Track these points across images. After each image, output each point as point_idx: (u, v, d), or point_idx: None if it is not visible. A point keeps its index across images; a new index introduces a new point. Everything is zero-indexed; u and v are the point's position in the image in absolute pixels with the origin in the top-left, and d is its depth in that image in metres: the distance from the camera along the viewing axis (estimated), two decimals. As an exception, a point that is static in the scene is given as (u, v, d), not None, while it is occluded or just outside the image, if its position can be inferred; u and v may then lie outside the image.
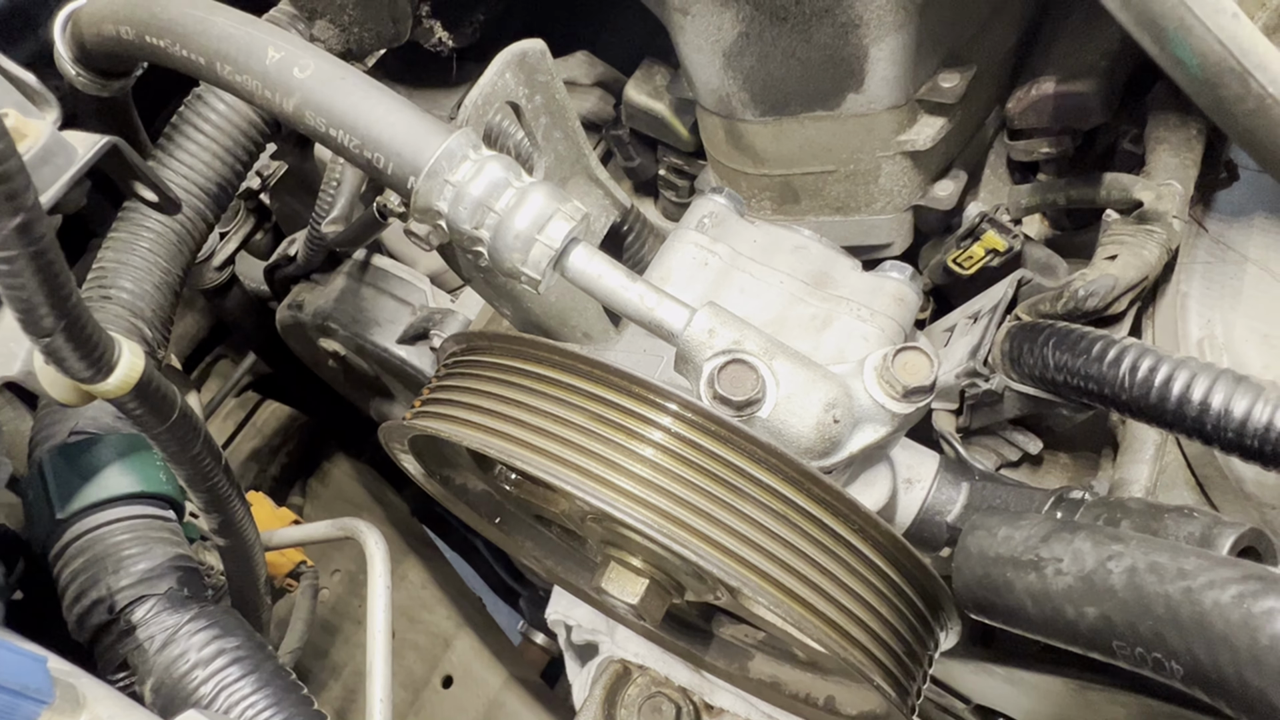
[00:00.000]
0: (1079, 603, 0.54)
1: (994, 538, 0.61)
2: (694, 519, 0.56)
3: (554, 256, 0.66)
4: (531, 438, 0.60)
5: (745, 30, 0.77)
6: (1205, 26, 0.50)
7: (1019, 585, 0.58)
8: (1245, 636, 0.45)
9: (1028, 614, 0.58)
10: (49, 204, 0.65)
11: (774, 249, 0.82)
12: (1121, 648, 0.52)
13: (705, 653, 0.98)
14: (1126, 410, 0.69)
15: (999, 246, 0.90)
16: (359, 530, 1.03)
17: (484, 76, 0.80)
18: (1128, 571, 0.52)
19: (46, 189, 0.65)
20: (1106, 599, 0.52)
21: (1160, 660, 0.50)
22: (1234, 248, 0.80)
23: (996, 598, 0.60)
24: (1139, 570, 0.51)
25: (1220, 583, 0.48)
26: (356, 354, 1.20)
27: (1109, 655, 0.54)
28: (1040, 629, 0.58)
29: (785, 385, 0.63)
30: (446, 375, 0.71)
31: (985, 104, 0.91)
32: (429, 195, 0.68)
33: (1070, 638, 0.55)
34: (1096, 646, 0.54)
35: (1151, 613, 0.50)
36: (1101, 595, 0.52)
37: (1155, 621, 0.49)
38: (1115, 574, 0.52)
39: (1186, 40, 0.50)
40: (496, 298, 0.95)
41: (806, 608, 0.56)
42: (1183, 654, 0.48)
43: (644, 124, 1.05)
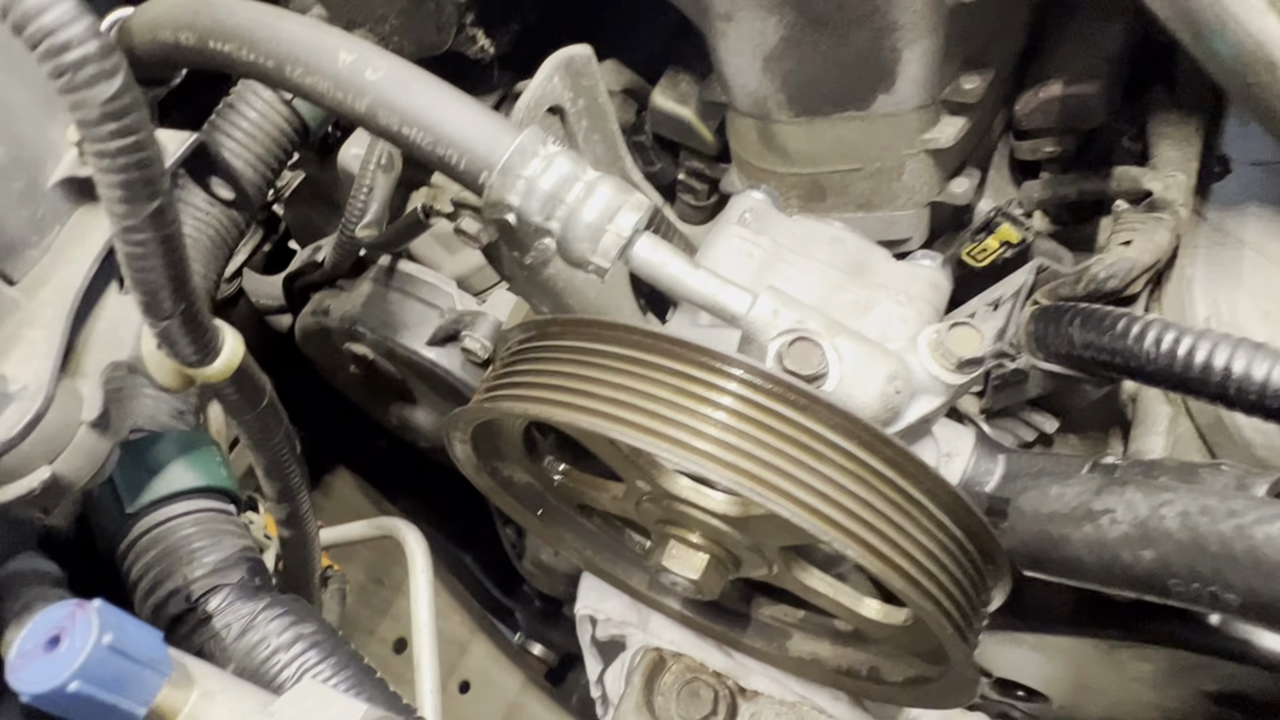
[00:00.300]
0: (1136, 547, 0.58)
1: (1047, 496, 0.66)
2: (775, 476, 0.60)
3: (623, 245, 0.70)
4: (613, 409, 0.63)
5: (787, 35, 0.82)
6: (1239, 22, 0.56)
7: (1075, 537, 0.62)
8: None
9: (1085, 564, 0.62)
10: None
11: (812, 241, 0.86)
12: (1177, 585, 0.56)
13: (743, 635, 1.02)
14: (1152, 380, 0.75)
15: (1013, 239, 0.96)
16: (398, 528, 1.05)
17: (534, 80, 0.84)
18: (1181, 515, 0.57)
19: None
20: (1163, 541, 0.57)
21: (1215, 594, 0.54)
22: (1231, 234, 0.87)
23: (1053, 551, 0.64)
24: (1191, 513, 0.56)
25: (1269, 518, 0.53)
26: (385, 358, 1.22)
27: (1164, 595, 0.58)
28: (1096, 576, 0.62)
29: (849, 360, 0.67)
30: (515, 360, 0.74)
31: (997, 104, 0.97)
32: (502, 190, 0.72)
33: (1127, 582, 0.60)
34: (1153, 588, 0.59)
35: (1207, 550, 0.54)
36: (1157, 538, 0.57)
37: (1211, 558, 0.54)
38: (1169, 518, 0.57)
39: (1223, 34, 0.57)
40: (536, 295, 0.98)
41: (883, 559, 0.60)
42: (1239, 585, 0.53)
43: (669, 129, 1.10)
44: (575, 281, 0.96)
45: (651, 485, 0.78)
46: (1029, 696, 1.08)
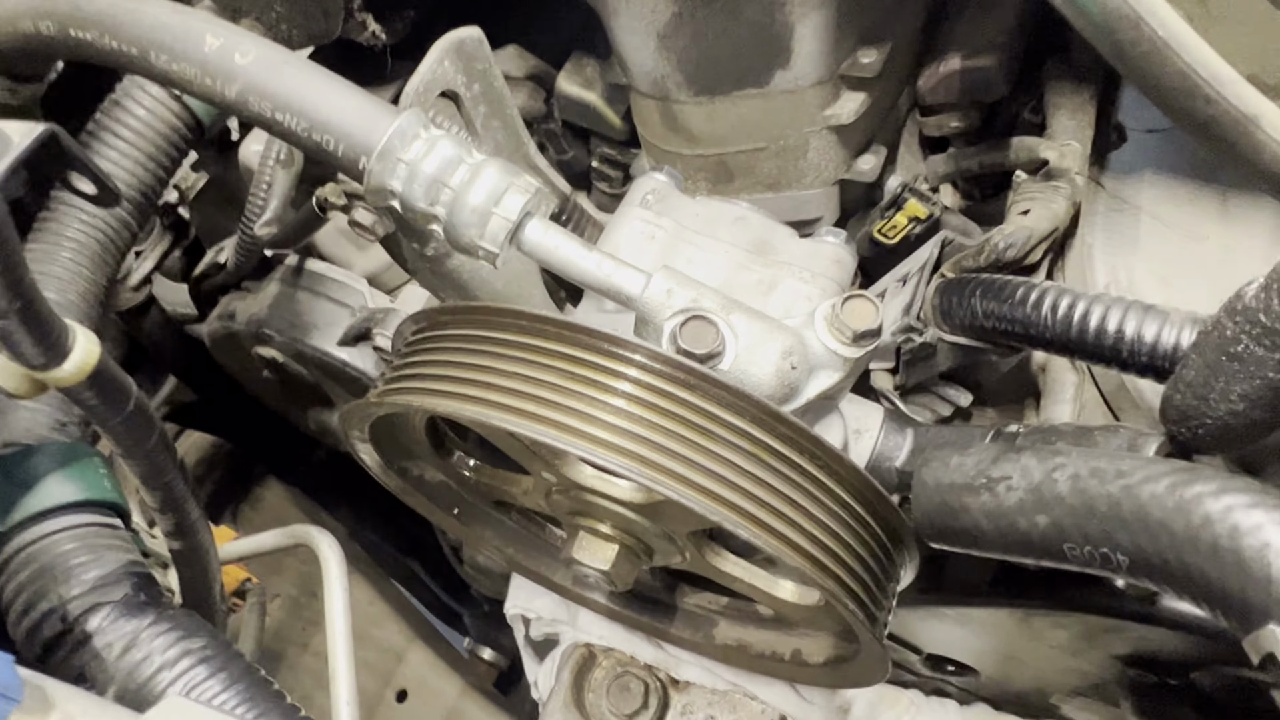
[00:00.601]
0: (1030, 513, 0.58)
1: (947, 466, 0.65)
2: (670, 461, 0.58)
3: (511, 229, 0.68)
4: (505, 399, 0.61)
5: (678, 11, 0.80)
6: (1103, -22, 0.56)
7: (974, 506, 0.62)
8: (1180, 520, 0.50)
9: (984, 532, 0.62)
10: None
11: (716, 221, 0.85)
12: (1072, 549, 0.56)
13: (670, 625, 1.00)
14: (1051, 347, 0.75)
15: (920, 214, 0.96)
16: (311, 535, 1.01)
17: (423, 64, 0.82)
18: (1072, 478, 0.56)
19: (-19, 177, 0.63)
20: (1055, 506, 0.56)
21: (1108, 554, 0.54)
22: (1129, 201, 0.88)
23: (954, 521, 0.64)
24: (1082, 476, 0.56)
25: (1154, 477, 0.53)
26: (295, 360, 1.18)
27: (1061, 559, 0.58)
28: (997, 545, 0.62)
29: (744, 337, 0.66)
30: (408, 353, 0.72)
31: (898, 82, 0.97)
32: (382, 175, 0.69)
33: (1025, 548, 0.60)
34: (1050, 553, 0.58)
35: (1097, 512, 0.54)
36: (1050, 503, 0.57)
37: (1100, 519, 0.54)
38: (1061, 482, 0.57)
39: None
40: (442, 287, 0.96)
41: (780, 538, 0.59)
42: (1128, 545, 0.53)
43: (576, 115, 1.08)
44: (481, 272, 0.94)
45: (557, 476, 0.76)
46: (960, 671, 1.09)
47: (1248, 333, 0.53)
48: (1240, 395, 0.55)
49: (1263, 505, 0.48)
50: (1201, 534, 0.49)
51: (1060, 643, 0.86)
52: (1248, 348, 0.53)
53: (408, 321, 0.75)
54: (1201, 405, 0.58)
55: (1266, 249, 0.83)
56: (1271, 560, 0.46)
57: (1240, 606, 0.47)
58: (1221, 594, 0.48)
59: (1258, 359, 0.53)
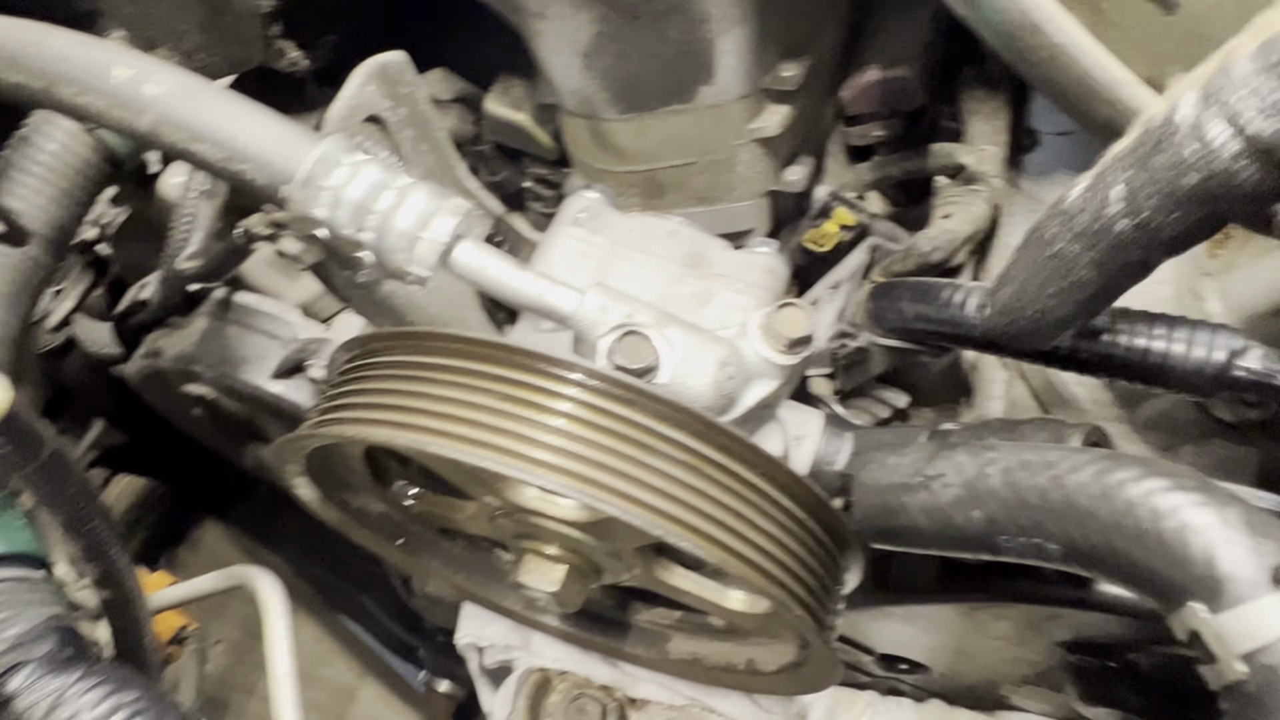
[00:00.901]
0: (966, 508, 0.59)
1: (884, 467, 0.66)
2: (611, 478, 0.58)
3: (441, 252, 0.67)
4: (440, 424, 0.60)
5: (601, 30, 0.81)
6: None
7: (912, 505, 0.63)
8: (1105, 506, 0.52)
9: (923, 530, 0.63)
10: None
11: (649, 236, 0.86)
12: (1007, 541, 0.57)
13: (624, 643, 0.99)
14: (978, 346, 0.77)
15: (849, 221, 0.98)
16: (249, 576, 0.98)
17: (345, 89, 0.81)
18: (1003, 472, 0.58)
19: None
20: (989, 499, 0.58)
21: (1040, 545, 0.56)
22: (1045, 201, 0.91)
23: (894, 521, 0.65)
24: (1012, 469, 0.57)
25: (1079, 466, 0.54)
26: (227, 396, 1.15)
27: (997, 552, 0.59)
28: (936, 542, 0.63)
29: (680, 350, 0.66)
30: (340, 383, 0.70)
31: (822, 94, 0.99)
32: (305, 203, 0.68)
33: (963, 543, 0.61)
34: (985, 546, 0.60)
35: (1028, 503, 0.56)
36: (984, 497, 0.58)
37: (1032, 510, 0.55)
38: (993, 476, 0.58)
39: (991, 2, 0.59)
40: (377, 314, 0.94)
41: (723, 547, 0.59)
42: (1058, 534, 0.54)
43: (506, 136, 1.08)
44: (415, 297, 0.93)
45: (500, 500, 0.75)
46: (912, 669, 1.10)
47: (1066, 232, 0.55)
48: (1055, 292, 0.57)
49: (1180, 488, 0.50)
50: (1125, 519, 0.51)
51: (1005, 634, 0.88)
52: (1066, 247, 0.55)
53: (339, 350, 0.73)
54: (1021, 299, 0.60)
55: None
56: (1189, 541, 0.48)
57: (1164, 587, 0.49)
58: (1147, 576, 0.50)
59: (1072, 257, 0.55)
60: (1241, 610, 0.44)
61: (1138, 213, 0.51)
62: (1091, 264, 0.54)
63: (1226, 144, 0.46)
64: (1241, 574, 0.45)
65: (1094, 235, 0.53)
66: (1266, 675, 0.43)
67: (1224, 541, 0.46)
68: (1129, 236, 0.52)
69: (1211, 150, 0.46)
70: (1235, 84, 0.46)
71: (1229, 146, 0.46)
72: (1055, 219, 0.56)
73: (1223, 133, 0.46)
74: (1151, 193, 0.50)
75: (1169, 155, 0.48)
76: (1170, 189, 0.49)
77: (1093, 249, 0.54)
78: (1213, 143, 0.46)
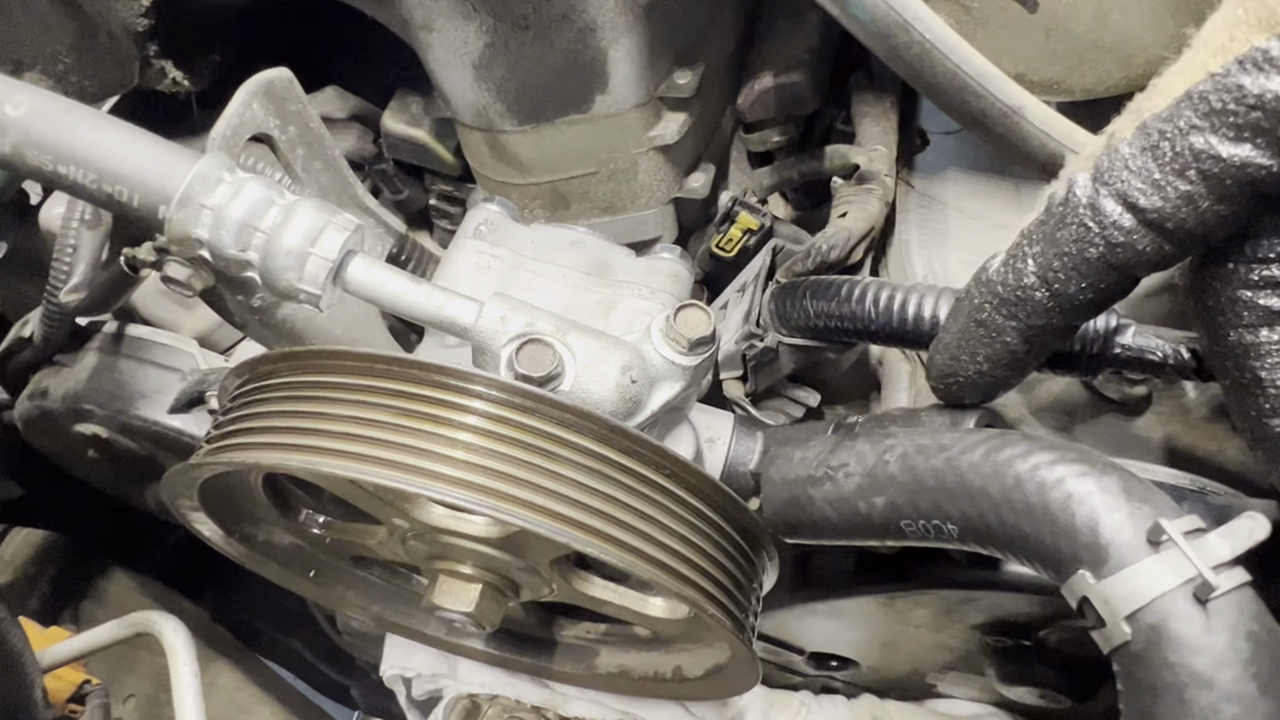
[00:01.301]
0: (868, 495, 0.60)
1: (791, 462, 0.67)
2: (516, 489, 0.57)
3: (332, 269, 0.66)
4: (336, 444, 0.58)
5: (491, 41, 0.80)
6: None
7: (818, 496, 0.64)
8: (995, 483, 0.53)
9: (830, 521, 0.64)
10: None
11: (552, 246, 0.85)
12: (908, 525, 0.58)
13: (552, 662, 0.98)
14: (878, 339, 0.79)
15: (753, 225, 1.00)
16: (151, 622, 0.93)
17: (229, 108, 0.78)
18: (901, 457, 0.59)
19: None
20: (889, 486, 0.59)
21: (939, 526, 0.57)
22: (936, 198, 0.94)
23: (802, 514, 0.65)
24: (909, 454, 0.59)
25: (970, 447, 0.56)
26: (123, 435, 1.09)
27: (901, 536, 0.60)
28: (843, 531, 0.64)
29: (582, 357, 0.66)
30: (232, 409, 0.67)
31: (719, 101, 1.01)
32: (185, 224, 0.65)
33: (867, 530, 0.62)
34: (890, 531, 0.60)
35: (925, 486, 0.57)
36: (884, 483, 0.59)
37: (929, 493, 0.56)
38: (892, 462, 0.59)
39: (861, 1, 0.61)
40: (276, 340, 0.91)
41: (634, 552, 0.58)
42: (955, 514, 0.55)
43: (407, 153, 1.06)
44: (315, 320, 0.90)
45: (409, 521, 0.73)
46: (842, 665, 1.11)
47: (990, 302, 0.58)
48: (985, 358, 0.60)
49: (1064, 460, 0.52)
50: (1014, 494, 0.52)
51: (923, 621, 0.90)
52: (990, 316, 0.58)
53: (230, 376, 0.70)
54: (955, 365, 0.62)
55: (1058, 232, 0.91)
56: (1075, 510, 0.49)
57: (1054, 558, 0.50)
58: (1038, 548, 0.51)
59: (998, 325, 0.58)
60: (1123, 574, 0.46)
61: (1051, 284, 0.54)
62: (1016, 331, 0.57)
63: (1120, 219, 0.49)
64: (1121, 539, 0.46)
65: (1015, 305, 0.56)
66: (1149, 635, 0.44)
67: (1104, 509, 0.48)
68: (1047, 304, 0.55)
69: (1108, 226, 0.50)
70: (1120, 166, 0.49)
71: (1123, 221, 0.49)
72: (980, 289, 0.58)
73: (1115, 209, 0.50)
74: (1060, 266, 0.53)
75: (1072, 231, 0.52)
76: (1077, 262, 0.52)
77: (1015, 318, 0.57)
78: (1108, 219, 0.50)
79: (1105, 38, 0.76)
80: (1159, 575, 0.44)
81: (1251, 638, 0.43)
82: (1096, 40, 0.76)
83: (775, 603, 0.99)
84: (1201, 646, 0.42)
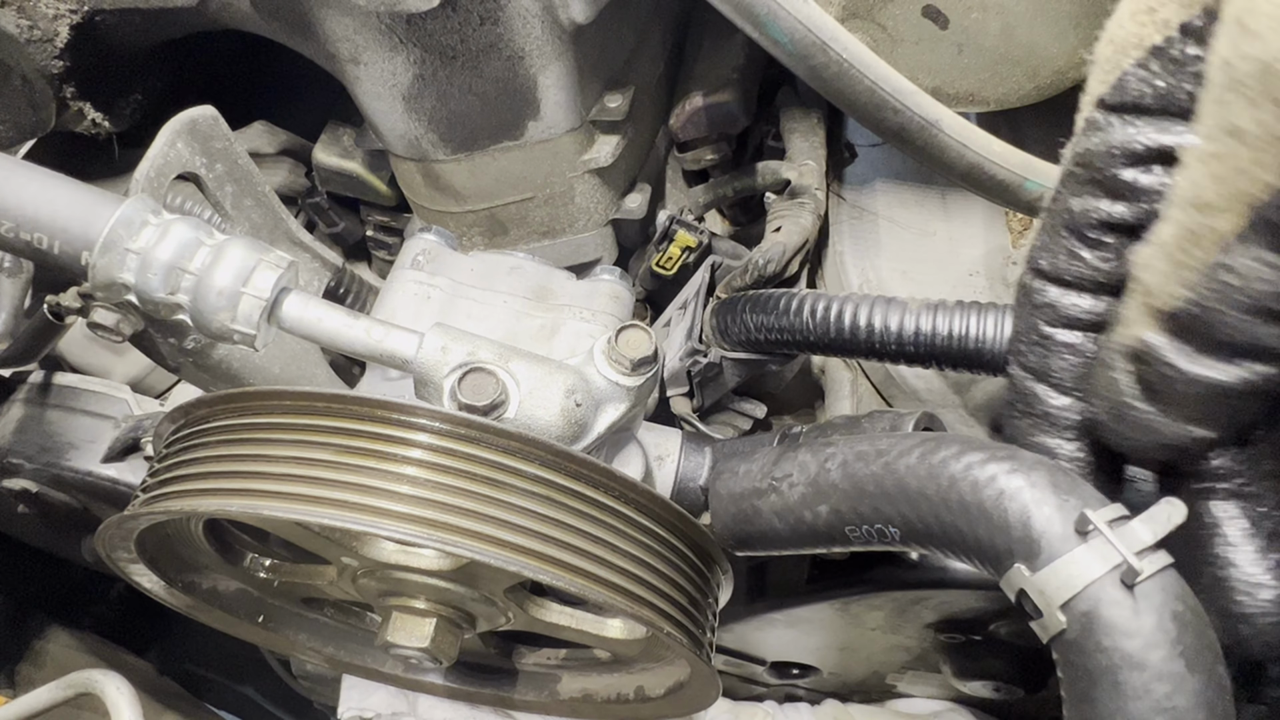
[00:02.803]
0: (812, 504, 0.61)
1: (736, 475, 0.68)
2: (463, 520, 0.57)
3: (265, 307, 0.65)
4: (275, 485, 0.57)
5: (419, 72, 0.80)
6: (787, 11, 0.62)
7: (765, 508, 0.64)
8: (932, 484, 0.55)
9: (778, 532, 0.64)
10: None
11: (492, 274, 0.85)
12: (853, 531, 0.59)
13: (514, 691, 0.97)
14: (818, 349, 0.80)
15: (691, 243, 1.01)
16: (92, 681, 0.89)
17: (152, 148, 0.77)
18: (841, 465, 0.60)
19: None
20: (831, 494, 0.60)
21: (882, 530, 0.58)
22: (867, 209, 0.97)
23: (750, 527, 0.66)
24: (849, 461, 0.60)
25: (906, 450, 0.57)
26: (54, 487, 1.05)
27: (847, 543, 0.61)
28: (790, 542, 0.65)
29: (525, 383, 0.66)
30: (167, 455, 0.66)
31: (652, 122, 1.02)
32: (109, 269, 0.64)
33: (814, 539, 0.63)
34: (835, 539, 0.61)
35: (866, 492, 0.58)
36: (827, 492, 0.60)
37: (870, 498, 0.57)
38: (833, 470, 0.60)
39: (776, 23, 0.62)
40: (212, 382, 0.89)
41: (586, 576, 0.58)
42: (895, 518, 0.56)
43: (340, 185, 1.05)
44: (253, 359, 0.88)
45: (358, 559, 0.72)
46: (803, 672, 1.12)
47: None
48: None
49: (994, 458, 0.53)
50: (950, 494, 0.53)
51: (878, 623, 0.91)
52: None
53: (164, 422, 0.69)
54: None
55: (983, 234, 0.94)
56: (1007, 506, 0.51)
57: (991, 553, 0.51)
58: (976, 545, 0.52)
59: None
60: (1055, 565, 0.47)
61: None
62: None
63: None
64: (1051, 530, 0.48)
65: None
66: (1082, 622, 0.46)
67: (1034, 502, 0.49)
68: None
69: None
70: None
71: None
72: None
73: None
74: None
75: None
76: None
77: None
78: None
79: (1013, 51, 0.79)
80: (1088, 564, 0.46)
81: (1177, 618, 0.45)
82: (1005, 54, 0.80)
83: (733, 616, 1.00)
84: (1131, 629, 0.44)
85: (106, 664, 1.64)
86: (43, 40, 0.82)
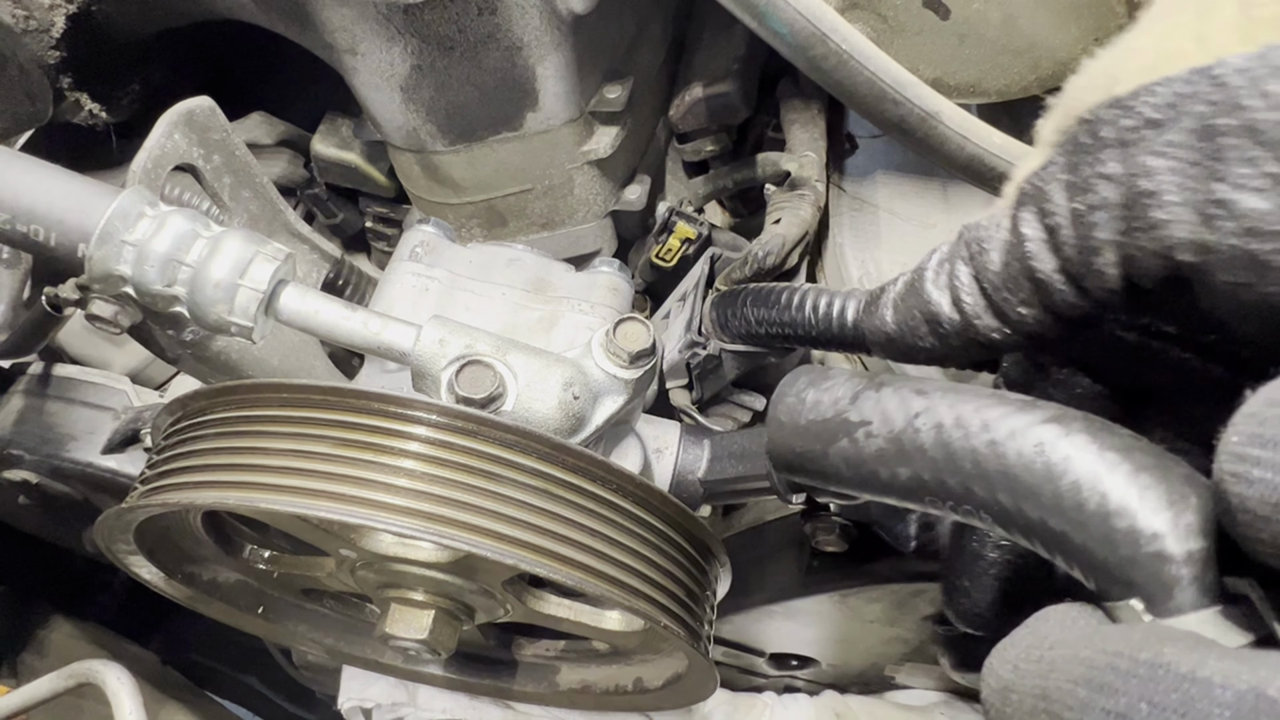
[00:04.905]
0: (891, 464, 0.52)
1: (803, 405, 0.60)
2: (461, 513, 0.57)
3: (263, 299, 0.64)
4: (274, 478, 0.57)
5: (417, 63, 0.80)
6: (786, 2, 0.62)
7: (834, 454, 0.56)
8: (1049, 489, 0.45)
9: (843, 478, 0.57)
10: None
11: (490, 265, 0.85)
12: (934, 503, 0.51)
13: (513, 682, 0.97)
14: (817, 344, 0.80)
15: (691, 235, 1.01)
16: (94, 671, 0.89)
17: (149, 139, 0.76)
18: (935, 429, 0.50)
19: None
20: (916, 459, 0.50)
21: (970, 511, 0.49)
22: (867, 201, 0.96)
23: (811, 465, 0.59)
24: (945, 427, 0.50)
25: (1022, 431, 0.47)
26: (54, 479, 1.06)
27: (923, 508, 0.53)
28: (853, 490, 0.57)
29: (523, 376, 0.66)
30: (165, 448, 0.66)
31: (651, 113, 1.02)
32: (106, 261, 0.64)
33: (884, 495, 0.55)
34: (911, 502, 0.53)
35: (961, 470, 0.48)
36: (911, 455, 0.51)
37: (964, 477, 0.48)
38: (924, 432, 0.50)
39: (776, 15, 0.62)
40: (211, 374, 0.89)
41: (583, 569, 0.58)
42: (992, 506, 0.48)
43: (339, 176, 1.05)
44: (251, 352, 0.88)
45: (357, 551, 0.72)
46: (802, 664, 1.12)
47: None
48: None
49: (1135, 478, 0.43)
50: (1064, 502, 0.45)
51: (877, 616, 0.91)
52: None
53: (162, 415, 0.69)
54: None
55: (984, 228, 0.93)
56: (1139, 542, 0.41)
57: (1105, 576, 0.43)
58: (1088, 562, 0.44)
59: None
60: (1186, 619, 0.39)
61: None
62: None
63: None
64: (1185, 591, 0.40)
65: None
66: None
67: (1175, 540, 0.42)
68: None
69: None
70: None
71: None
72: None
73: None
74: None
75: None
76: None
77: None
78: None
79: (1015, 42, 0.79)
80: (1220, 630, 0.38)
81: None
82: (1007, 44, 0.79)
83: (732, 608, 1.00)
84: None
85: (109, 653, 1.65)
86: (39, 30, 0.82)
